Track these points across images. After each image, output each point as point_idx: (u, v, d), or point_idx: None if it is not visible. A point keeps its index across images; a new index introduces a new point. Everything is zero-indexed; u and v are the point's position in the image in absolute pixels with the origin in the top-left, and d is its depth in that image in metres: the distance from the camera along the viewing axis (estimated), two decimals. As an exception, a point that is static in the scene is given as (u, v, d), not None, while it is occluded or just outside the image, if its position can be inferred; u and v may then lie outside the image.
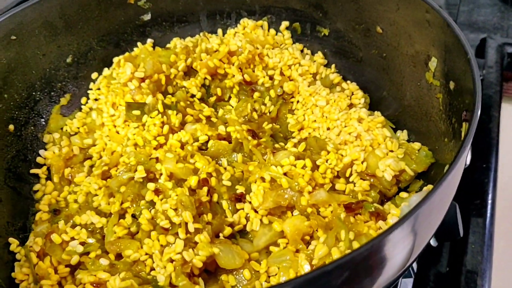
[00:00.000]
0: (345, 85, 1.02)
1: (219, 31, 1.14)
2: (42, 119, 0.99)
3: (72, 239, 0.78)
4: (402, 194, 0.79)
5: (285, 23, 1.12)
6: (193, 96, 1.02)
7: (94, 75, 1.06)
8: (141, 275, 0.73)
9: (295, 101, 1.02)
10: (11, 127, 0.92)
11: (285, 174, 0.80)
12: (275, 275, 0.74)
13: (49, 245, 0.77)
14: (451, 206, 0.68)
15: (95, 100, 1.03)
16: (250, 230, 0.80)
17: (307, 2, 1.07)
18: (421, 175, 0.84)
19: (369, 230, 0.73)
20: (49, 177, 0.93)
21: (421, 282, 0.89)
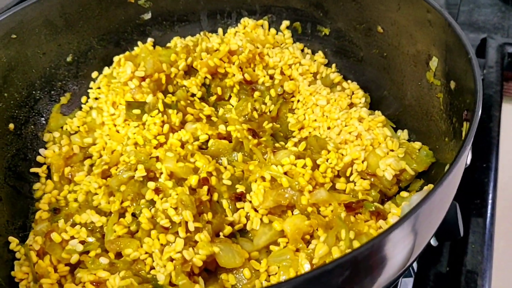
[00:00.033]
0: (345, 84, 1.02)
1: (220, 30, 1.14)
2: (42, 118, 0.99)
3: (72, 238, 0.78)
4: (403, 194, 0.79)
5: (285, 23, 1.11)
6: (193, 95, 1.02)
7: (94, 74, 1.06)
8: (141, 274, 0.73)
9: (295, 100, 1.01)
10: (11, 125, 0.92)
11: (285, 173, 0.80)
12: (275, 274, 0.74)
13: (49, 244, 0.77)
14: (451, 205, 0.68)
15: (95, 99, 1.03)
16: (250, 229, 0.80)
17: (307, 2, 1.07)
18: (421, 174, 0.83)
19: (369, 229, 0.73)
20: (49, 176, 0.93)
21: (421, 282, 0.89)
